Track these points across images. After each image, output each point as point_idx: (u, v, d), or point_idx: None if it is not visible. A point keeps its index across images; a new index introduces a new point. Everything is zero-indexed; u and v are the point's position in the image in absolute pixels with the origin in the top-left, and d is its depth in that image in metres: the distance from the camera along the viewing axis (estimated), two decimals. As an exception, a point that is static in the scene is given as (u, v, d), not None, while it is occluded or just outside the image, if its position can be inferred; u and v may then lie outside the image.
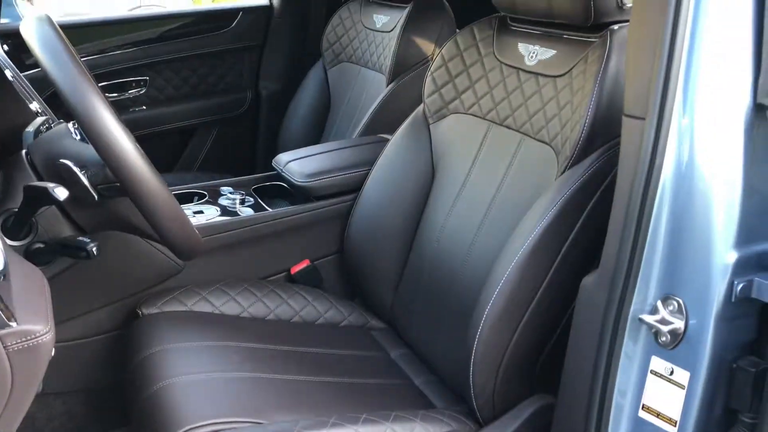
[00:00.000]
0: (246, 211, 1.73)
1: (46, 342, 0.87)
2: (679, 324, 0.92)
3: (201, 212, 1.71)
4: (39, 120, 1.38)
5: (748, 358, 0.93)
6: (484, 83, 1.52)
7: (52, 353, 0.92)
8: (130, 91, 2.47)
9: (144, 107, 2.51)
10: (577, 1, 1.25)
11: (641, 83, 0.94)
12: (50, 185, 1.08)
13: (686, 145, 0.90)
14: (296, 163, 1.82)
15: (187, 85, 2.58)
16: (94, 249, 1.17)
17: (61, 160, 1.14)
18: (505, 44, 1.50)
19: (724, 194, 0.89)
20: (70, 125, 1.26)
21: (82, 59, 1.15)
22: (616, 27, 1.26)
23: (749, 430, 0.92)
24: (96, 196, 1.14)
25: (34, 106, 1.46)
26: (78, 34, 2.34)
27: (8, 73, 1.46)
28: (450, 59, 1.57)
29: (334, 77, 2.41)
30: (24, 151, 1.28)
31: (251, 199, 1.80)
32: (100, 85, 1.96)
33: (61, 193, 1.08)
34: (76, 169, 1.12)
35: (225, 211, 1.73)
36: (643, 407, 0.98)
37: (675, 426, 0.94)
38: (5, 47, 2.05)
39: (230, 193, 1.81)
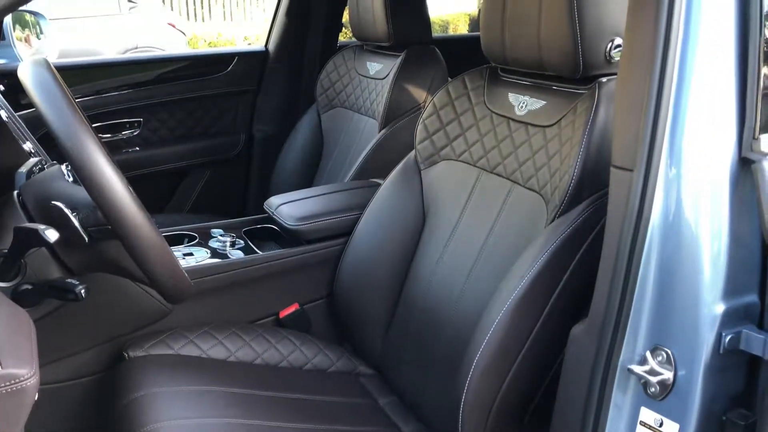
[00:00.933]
0: (236, 254, 1.73)
1: (30, 386, 0.86)
2: (667, 375, 0.92)
3: (191, 254, 1.71)
4: (32, 161, 1.39)
5: (737, 411, 0.92)
6: (475, 131, 1.54)
7: (36, 397, 0.91)
8: (123, 132, 2.49)
9: (137, 148, 2.52)
10: (566, 54, 1.28)
11: (629, 135, 0.96)
12: (41, 227, 1.08)
13: (673, 196, 0.91)
14: (288, 207, 1.83)
15: (181, 127, 2.60)
16: (82, 291, 1.16)
17: (52, 202, 1.14)
18: (496, 94, 1.52)
19: (711, 245, 0.90)
20: (63, 167, 1.27)
21: (78, 100, 1.16)
22: (604, 80, 1.28)
23: (739, 484, 0.91)
24: (87, 239, 1.13)
25: (28, 146, 1.47)
26: (74, 76, 2.37)
27: (3, 114, 1.47)
28: (441, 107, 1.59)
29: (327, 122, 2.44)
30: (16, 192, 1.28)
31: (241, 242, 1.80)
32: (94, 125, 1.97)
33: (52, 235, 1.08)
34: (67, 211, 1.12)
35: (215, 253, 1.73)
36: (632, 459, 0.97)
37: (665, 479, 0.93)
38: (1, 87, 2.07)
39: (221, 235, 1.81)
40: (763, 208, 0.88)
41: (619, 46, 1.26)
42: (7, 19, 2.47)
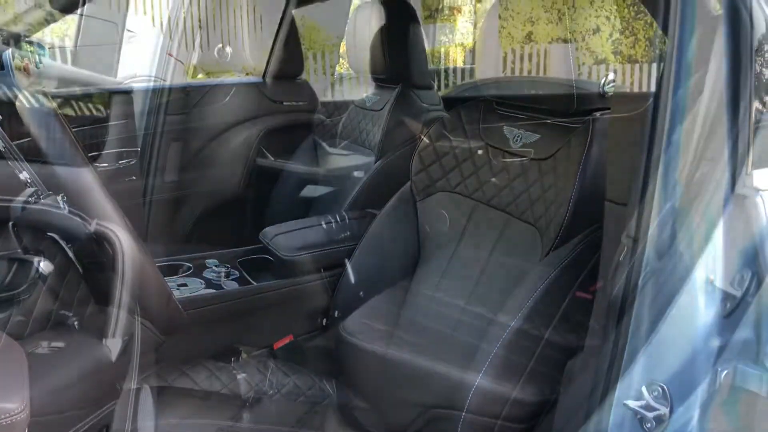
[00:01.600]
0: (231, 285, 1.72)
1: (19, 421, 0.85)
2: (663, 410, 0.91)
3: (185, 285, 1.70)
4: (28, 191, 1.38)
5: (733, 447, 0.92)
6: (470, 164, 1.54)
7: (26, 431, 0.89)
8: (120, 162, 2.49)
9: (134, 177, 2.52)
10: (561, 89, 1.29)
11: (623, 170, 0.97)
12: (35, 259, 1.08)
13: (667, 231, 0.91)
14: (283, 237, 1.82)
15: (178, 156, 2.61)
16: (75, 323, 1.15)
17: (48, 234, 1.13)
18: (491, 127, 1.53)
19: (706, 280, 0.90)
20: (59, 198, 1.26)
21: (75, 129, 1.17)
22: (598, 114, 1.30)
23: None
24: (81, 270, 1.13)
25: (24, 176, 1.47)
26: (73, 104, 2.37)
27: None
28: (437, 139, 1.60)
29: (323, 152, 2.45)
30: (11, 223, 1.28)
31: (236, 273, 1.79)
32: (91, 155, 1.97)
33: (46, 267, 1.07)
34: (62, 243, 1.12)
35: (209, 284, 1.72)
36: (629, 496, 0.96)
37: None
38: (-1, 117, 2.07)
39: (216, 266, 1.80)
40: (756, 242, 0.88)
41: (612, 81, 1.28)
42: (7, 51, 2.48)
